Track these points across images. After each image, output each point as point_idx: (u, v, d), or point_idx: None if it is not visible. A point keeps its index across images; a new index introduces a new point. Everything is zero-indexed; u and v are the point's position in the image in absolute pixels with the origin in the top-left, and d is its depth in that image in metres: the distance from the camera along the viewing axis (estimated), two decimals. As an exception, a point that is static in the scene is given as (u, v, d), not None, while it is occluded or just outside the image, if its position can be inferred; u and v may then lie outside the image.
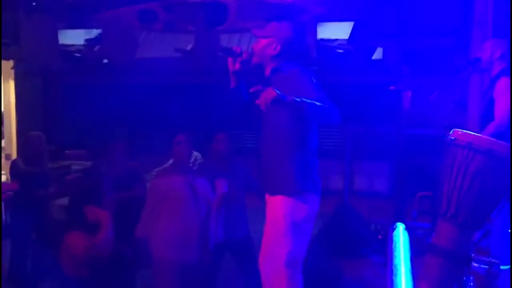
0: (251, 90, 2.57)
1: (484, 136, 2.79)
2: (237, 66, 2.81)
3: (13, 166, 4.48)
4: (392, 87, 4.28)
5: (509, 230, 2.97)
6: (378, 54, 7.18)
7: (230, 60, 2.81)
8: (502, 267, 2.66)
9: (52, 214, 4.54)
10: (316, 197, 2.86)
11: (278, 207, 2.79)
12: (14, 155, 6.96)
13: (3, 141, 7.33)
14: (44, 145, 4.53)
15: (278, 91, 2.46)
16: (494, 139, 2.78)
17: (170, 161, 3.82)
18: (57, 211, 4.58)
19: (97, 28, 7.55)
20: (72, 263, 3.26)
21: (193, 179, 3.57)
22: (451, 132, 2.86)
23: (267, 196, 2.91)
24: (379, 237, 4.37)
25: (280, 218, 2.78)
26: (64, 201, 4.54)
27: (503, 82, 3.45)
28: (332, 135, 7.77)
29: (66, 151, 7.15)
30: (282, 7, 6.65)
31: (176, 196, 3.46)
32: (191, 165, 4.03)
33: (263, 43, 2.84)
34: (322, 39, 6.79)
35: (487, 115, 3.61)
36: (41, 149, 4.49)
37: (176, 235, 3.45)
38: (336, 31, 6.80)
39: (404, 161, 5.24)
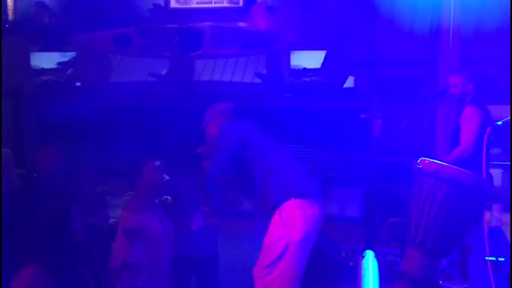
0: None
1: (450, 166, 2.88)
2: None
3: None
4: (362, 115, 4.37)
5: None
6: (349, 83, 7.34)
7: None
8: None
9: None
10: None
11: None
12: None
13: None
14: (12, 162, 4.37)
15: None
16: (459, 169, 2.88)
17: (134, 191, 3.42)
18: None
19: (71, 51, 7.52)
20: None
21: (161, 212, 3.44)
22: (418, 161, 2.94)
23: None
24: (350, 264, 4.39)
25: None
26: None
27: (468, 110, 3.63)
28: (303, 161, 7.83)
29: (35, 175, 7.01)
30: (256, 35, 6.76)
31: (150, 233, 3.28)
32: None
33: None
34: (295, 67, 6.93)
35: (454, 141, 3.76)
36: (9, 166, 4.31)
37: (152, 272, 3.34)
38: (309, 59, 6.94)
39: (374, 187, 5.31)
